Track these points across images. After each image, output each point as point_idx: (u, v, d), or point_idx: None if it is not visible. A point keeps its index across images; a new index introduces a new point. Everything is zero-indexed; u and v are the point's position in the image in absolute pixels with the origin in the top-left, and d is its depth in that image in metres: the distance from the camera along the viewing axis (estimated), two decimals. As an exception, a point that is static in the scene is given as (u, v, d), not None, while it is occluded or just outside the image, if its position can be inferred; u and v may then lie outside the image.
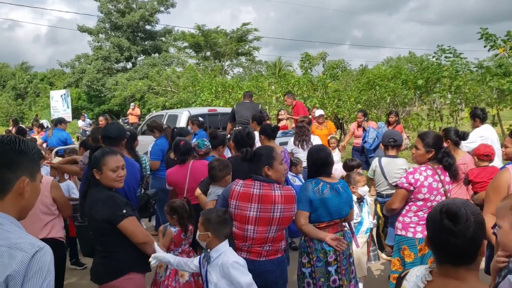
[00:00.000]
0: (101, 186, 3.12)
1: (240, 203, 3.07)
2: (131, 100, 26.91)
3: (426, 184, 3.67)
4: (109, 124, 4.24)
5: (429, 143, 3.72)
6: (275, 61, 39.98)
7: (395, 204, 3.84)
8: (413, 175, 3.71)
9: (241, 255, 3.05)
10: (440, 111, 14.91)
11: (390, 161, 4.71)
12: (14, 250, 1.51)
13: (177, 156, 4.72)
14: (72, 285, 5.26)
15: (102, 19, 36.59)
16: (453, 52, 13.26)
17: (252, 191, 3.08)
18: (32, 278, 1.50)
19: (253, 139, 4.40)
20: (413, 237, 3.76)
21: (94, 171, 3.11)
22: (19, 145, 1.66)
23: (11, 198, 1.64)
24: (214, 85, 18.79)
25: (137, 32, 37.48)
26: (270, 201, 3.06)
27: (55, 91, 30.54)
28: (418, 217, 3.76)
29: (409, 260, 3.76)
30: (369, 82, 15.40)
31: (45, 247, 1.58)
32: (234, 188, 3.12)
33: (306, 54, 17.57)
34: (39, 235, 3.62)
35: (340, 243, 3.38)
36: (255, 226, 3.05)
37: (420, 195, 3.70)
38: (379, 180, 4.79)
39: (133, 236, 3.04)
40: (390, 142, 4.73)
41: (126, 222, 2.99)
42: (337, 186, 3.47)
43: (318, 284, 3.38)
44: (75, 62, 37.77)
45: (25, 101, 42.39)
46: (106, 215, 2.98)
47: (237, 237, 3.12)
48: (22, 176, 1.65)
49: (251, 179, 3.16)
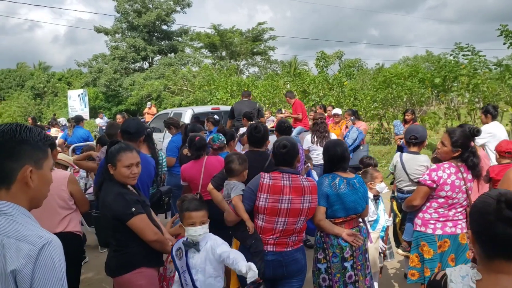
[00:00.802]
0: (113, 182, 3.15)
1: (272, 196, 3.08)
2: (147, 99, 27.12)
3: (449, 181, 3.62)
4: (128, 120, 4.27)
5: (457, 142, 3.64)
6: (291, 60, 39.91)
7: (416, 200, 3.80)
8: (436, 172, 3.65)
9: (267, 248, 3.11)
10: (457, 110, 14.71)
11: (411, 157, 4.59)
12: (22, 242, 1.48)
13: (192, 152, 4.73)
14: (88, 280, 5.32)
15: (119, 19, 36.94)
16: (471, 50, 13.07)
17: (282, 183, 3.12)
18: (41, 273, 1.46)
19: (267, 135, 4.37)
20: (433, 233, 3.72)
21: (109, 166, 3.15)
22: (19, 134, 1.61)
23: (18, 188, 1.61)
24: (229, 84, 18.88)
25: (153, 32, 37.75)
26: (300, 192, 3.13)
27: (73, 91, 30.91)
28: (439, 214, 3.73)
29: (428, 257, 3.72)
30: (385, 81, 15.28)
31: (53, 240, 1.54)
32: (263, 182, 3.12)
33: (322, 53, 17.53)
34: (57, 228, 3.67)
35: (357, 239, 3.36)
36: (286, 218, 3.10)
37: (442, 192, 3.65)
38: (399, 176, 4.68)
39: (142, 234, 3.07)
40: (412, 140, 4.61)
41: (135, 220, 3.02)
42: (354, 181, 3.44)
43: (334, 280, 3.36)
44: (93, 62, 38.20)
45: (43, 101, 42.95)
46: (115, 213, 3.02)
47: (264, 230, 3.13)
48: (26, 165, 1.60)
49: (278, 171, 3.19)
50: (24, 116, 35.65)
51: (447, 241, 3.69)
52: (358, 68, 27.37)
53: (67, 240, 3.67)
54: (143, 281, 3.12)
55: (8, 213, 1.55)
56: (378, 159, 8.48)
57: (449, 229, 3.71)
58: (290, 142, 3.29)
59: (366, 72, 26.13)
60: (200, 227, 3.03)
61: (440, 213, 3.71)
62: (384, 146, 14.10)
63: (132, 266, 3.09)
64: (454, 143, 3.64)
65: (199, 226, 3.03)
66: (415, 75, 15.22)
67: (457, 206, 3.72)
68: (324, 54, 17.67)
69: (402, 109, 14.45)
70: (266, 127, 4.31)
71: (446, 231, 3.70)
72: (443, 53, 26.41)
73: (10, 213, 1.56)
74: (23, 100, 39.81)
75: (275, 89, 18.37)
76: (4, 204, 1.57)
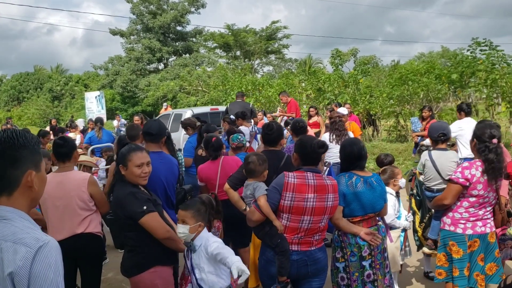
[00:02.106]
0: (125, 182, 3.20)
1: (297, 195, 3.09)
2: (163, 100, 27.28)
3: (482, 180, 3.54)
4: (150, 121, 4.32)
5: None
6: (305, 58, 39.80)
7: (447, 199, 3.72)
8: (469, 170, 3.57)
9: (292, 247, 3.13)
10: (475, 106, 14.52)
11: (441, 154, 4.50)
12: (19, 245, 1.50)
13: (209, 152, 4.77)
14: (109, 280, 5.40)
15: (134, 20, 37.24)
16: (489, 45, 12.88)
17: (307, 181, 3.12)
18: (37, 274, 1.48)
19: (281, 133, 4.37)
20: (463, 233, 3.66)
21: (120, 166, 3.20)
22: (17, 140, 1.62)
23: (21, 193, 1.63)
24: (244, 84, 18.89)
25: (168, 33, 37.96)
26: (324, 191, 3.13)
27: (90, 93, 31.25)
28: (469, 213, 3.65)
29: (457, 257, 3.67)
30: (401, 78, 15.15)
31: (50, 242, 1.55)
32: (288, 180, 3.12)
33: (336, 50, 17.46)
34: (77, 229, 3.73)
35: (375, 238, 3.34)
36: (311, 217, 3.10)
37: (475, 191, 3.58)
38: (429, 175, 4.60)
39: (154, 232, 3.11)
40: (440, 137, 4.51)
41: (146, 218, 3.06)
42: (371, 180, 3.42)
43: (352, 279, 3.35)
44: (109, 64, 38.58)
45: (61, 103, 43.56)
46: (127, 212, 3.07)
47: (288, 230, 3.14)
48: (28, 170, 1.63)
49: (301, 170, 3.20)
50: (42, 119, 36.20)
51: (477, 241, 3.63)
52: (373, 65, 27.16)
53: (88, 241, 3.77)
54: (158, 280, 3.17)
55: (6, 217, 1.58)
56: (395, 157, 8.42)
57: (479, 228, 3.64)
58: (324, 142, 3.30)
59: (381, 69, 25.94)
60: (181, 225, 3.13)
61: (471, 213, 3.65)
62: (401, 144, 13.97)
63: (146, 265, 3.14)
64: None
65: (180, 224, 3.13)
66: (431, 71, 15.05)
67: (487, 205, 3.66)
68: (339, 51, 17.59)
69: (419, 106, 14.32)
70: (279, 126, 4.30)
71: (476, 231, 3.64)
72: (459, 49, 26.05)
73: (8, 217, 1.58)
74: (42, 102, 40.44)
75: (290, 87, 18.35)
76: (3, 209, 1.60)
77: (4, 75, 54.41)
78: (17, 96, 47.78)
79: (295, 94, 18.36)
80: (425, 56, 43.28)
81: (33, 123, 35.99)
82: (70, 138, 4.21)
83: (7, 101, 47.48)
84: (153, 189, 3.53)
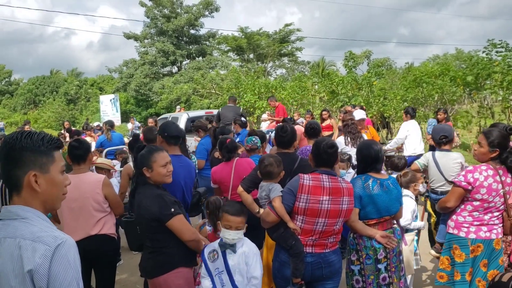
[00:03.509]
0: (149, 184, 3.20)
1: (312, 197, 3.08)
2: (177, 103, 27.47)
3: (486, 184, 3.48)
4: (169, 124, 4.32)
5: (494, 142, 3.49)
6: (318, 61, 39.67)
7: (450, 202, 3.69)
8: (472, 174, 3.52)
9: (306, 250, 3.12)
10: (491, 108, 14.33)
11: (444, 154, 4.51)
12: (37, 243, 1.54)
13: (223, 154, 4.78)
14: (123, 281, 5.43)
15: (149, 24, 37.54)
16: (505, 47, 12.72)
17: (322, 184, 3.12)
18: (57, 271, 1.52)
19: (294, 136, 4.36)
20: (466, 237, 3.61)
21: (144, 169, 3.19)
22: (19, 142, 1.66)
23: (27, 193, 1.67)
24: (257, 86, 18.89)
25: (182, 36, 38.18)
26: (339, 193, 3.13)
27: (105, 96, 31.64)
28: (473, 217, 3.60)
29: (459, 260, 3.63)
30: (415, 80, 15.01)
31: (68, 240, 1.59)
32: (303, 182, 3.12)
33: (350, 53, 17.37)
34: (92, 231, 3.77)
35: (390, 241, 3.32)
36: (325, 219, 3.10)
37: (478, 195, 3.52)
38: (433, 176, 4.59)
39: (181, 234, 3.12)
40: (442, 139, 4.52)
41: (174, 221, 3.08)
42: (387, 183, 3.40)
43: (367, 282, 3.33)
44: (123, 67, 38.92)
45: (76, 106, 44.07)
46: (155, 214, 3.06)
47: (303, 232, 3.13)
48: (30, 171, 1.65)
49: (317, 172, 3.20)
50: (58, 122, 36.65)
51: (480, 245, 3.58)
52: (387, 67, 26.99)
53: (102, 242, 3.81)
54: (181, 280, 3.18)
55: (24, 216, 1.63)
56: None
57: (483, 233, 3.58)
58: (334, 143, 3.29)
59: (395, 72, 25.77)
60: (235, 232, 3.09)
61: (475, 217, 3.59)
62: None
63: (170, 266, 3.15)
64: (491, 143, 3.51)
65: (234, 231, 3.08)
66: (446, 73, 14.90)
67: (494, 210, 3.58)
68: (352, 54, 17.49)
69: (434, 108, 14.18)
70: (293, 128, 4.29)
71: (480, 236, 3.58)
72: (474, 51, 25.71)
73: (26, 216, 1.63)
74: (57, 105, 40.95)
75: (303, 90, 18.31)
76: (21, 208, 1.65)
77: (21, 79, 55.35)
78: (34, 99, 48.50)
79: (308, 96, 18.32)
80: (440, 58, 42.85)
81: (49, 126, 36.46)
82: (85, 140, 4.26)
83: (23, 104, 48.21)
84: (172, 193, 3.54)
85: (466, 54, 29.04)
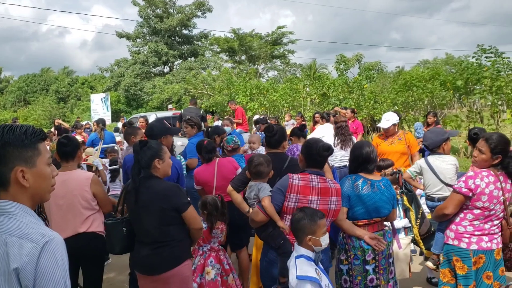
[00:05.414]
0: (156, 177, 3.21)
1: (301, 197, 3.10)
2: (168, 103, 27.38)
3: (487, 191, 3.30)
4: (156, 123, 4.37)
5: (497, 148, 3.33)
6: (310, 63, 39.78)
7: (448, 209, 3.47)
8: (473, 180, 3.33)
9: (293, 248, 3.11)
10: (480, 113, 14.46)
11: (437, 157, 4.53)
12: (24, 240, 1.48)
13: (203, 156, 4.78)
14: (111, 279, 5.40)
15: (141, 23, 37.43)
16: (494, 52, 12.85)
17: (311, 184, 3.14)
18: (44, 270, 1.47)
19: (283, 136, 4.37)
20: (467, 248, 3.40)
21: (156, 161, 3.20)
22: (1, 137, 1.58)
23: (15, 189, 1.60)
24: (249, 88, 18.92)
25: (174, 36, 38.12)
26: (328, 194, 3.15)
27: (95, 95, 31.48)
28: (474, 227, 3.40)
29: (461, 273, 3.42)
30: (406, 84, 15.13)
31: (56, 237, 1.54)
32: (292, 182, 3.13)
33: (341, 56, 17.45)
34: (80, 228, 3.73)
35: (379, 243, 3.28)
36: None
37: (479, 203, 3.33)
38: (428, 181, 4.53)
39: (194, 222, 3.20)
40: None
41: (191, 209, 3.16)
42: (379, 184, 3.38)
43: (354, 282, 3.32)
44: (114, 66, 38.77)
45: (67, 104, 43.78)
46: (176, 204, 3.12)
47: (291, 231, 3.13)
48: (16, 167, 1.59)
49: (306, 172, 3.21)
50: (48, 120, 36.39)
51: (482, 257, 3.38)
52: (378, 71, 27.16)
53: (90, 240, 3.78)
54: (188, 272, 3.25)
55: (11, 212, 1.56)
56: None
57: (485, 244, 3.38)
58: (330, 146, 3.28)
59: (386, 75, 25.90)
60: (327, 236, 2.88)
61: (476, 226, 3.40)
62: (405, 149, 13.89)
63: (182, 258, 3.20)
64: (493, 150, 3.34)
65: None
66: (436, 77, 15.03)
67: (494, 218, 3.40)
68: (344, 57, 17.57)
69: (423, 112, 14.30)
70: (281, 128, 4.31)
71: (481, 246, 3.38)
72: (465, 56, 25.94)
73: (13, 212, 1.57)
74: (48, 104, 40.65)
75: (295, 92, 18.37)
76: (7, 203, 1.58)
77: (11, 76, 54.89)
78: (24, 97, 48.08)
79: (299, 99, 18.37)
80: (429, 63, 43.16)
81: (39, 124, 36.18)
82: (74, 137, 4.22)
83: (13, 102, 47.79)
84: None
85: (456, 59, 29.29)
